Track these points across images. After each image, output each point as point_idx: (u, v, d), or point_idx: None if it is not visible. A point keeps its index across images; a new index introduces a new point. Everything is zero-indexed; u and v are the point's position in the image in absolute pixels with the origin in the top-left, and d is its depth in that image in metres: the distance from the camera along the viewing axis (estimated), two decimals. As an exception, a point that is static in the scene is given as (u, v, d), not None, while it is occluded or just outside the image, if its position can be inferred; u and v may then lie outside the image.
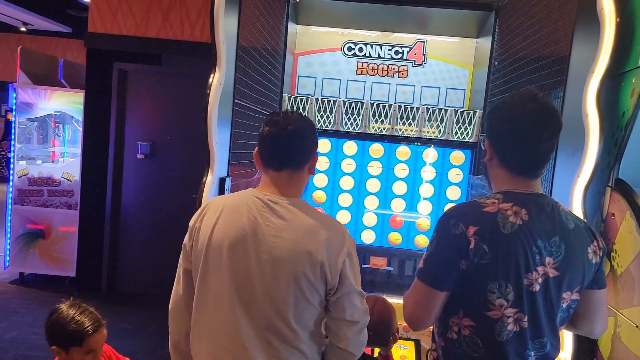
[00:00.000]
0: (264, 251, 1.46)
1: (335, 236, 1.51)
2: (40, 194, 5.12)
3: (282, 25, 3.36)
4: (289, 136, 1.53)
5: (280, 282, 1.45)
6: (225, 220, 1.51)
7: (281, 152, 1.55)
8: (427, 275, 1.44)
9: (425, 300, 1.44)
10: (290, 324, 1.46)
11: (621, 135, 1.71)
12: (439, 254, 1.44)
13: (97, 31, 4.74)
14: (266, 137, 1.55)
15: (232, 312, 1.47)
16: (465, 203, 1.52)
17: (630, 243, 1.62)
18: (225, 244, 1.48)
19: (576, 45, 2.00)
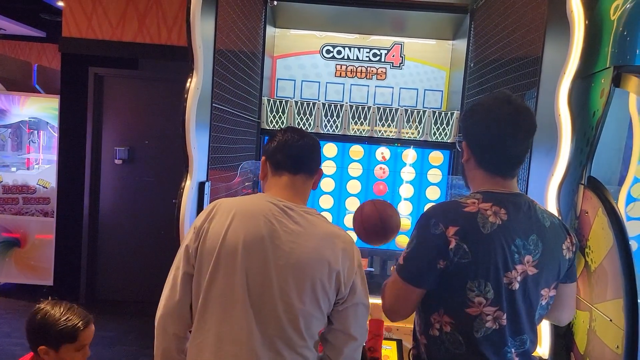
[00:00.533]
0: (281, 257, 1.47)
1: (350, 246, 1.55)
2: (15, 201, 5.03)
3: (260, 29, 3.36)
4: (308, 144, 1.66)
5: (296, 288, 1.46)
6: (241, 223, 1.50)
7: (300, 156, 1.64)
8: (405, 272, 1.48)
9: (403, 295, 1.50)
10: (301, 330, 1.47)
11: (592, 134, 1.75)
12: (418, 253, 1.47)
13: (71, 36, 4.68)
14: (286, 143, 1.64)
15: (243, 318, 1.45)
16: (446, 203, 1.56)
17: (603, 239, 1.66)
18: (240, 247, 1.47)
19: (548, 47, 2.05)
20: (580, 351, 1.79)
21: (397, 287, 1.50)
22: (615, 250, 1.57)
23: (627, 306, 1.52)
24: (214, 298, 1.48)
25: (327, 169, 3.37)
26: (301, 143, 1.64)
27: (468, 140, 1.56)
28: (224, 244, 1.48)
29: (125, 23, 4.66)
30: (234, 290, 1.46)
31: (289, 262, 1.46)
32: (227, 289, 1.47)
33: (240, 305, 1.45)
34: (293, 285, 1.46)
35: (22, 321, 2.03)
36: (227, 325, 1.46)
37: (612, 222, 1.60)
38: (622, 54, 1.64)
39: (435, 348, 1.49)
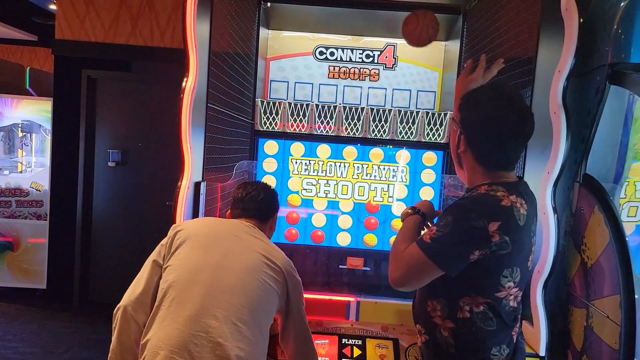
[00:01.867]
0: (236, 258, 1.77)
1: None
2: (7, 204, 4.99)
3: (254, 30, 3.35)
4: (259, 198, 2.04)
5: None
6: (213, 224, 1.92)
7: (252, 207, 2.02)
8: (433, 252, 1.47)
9: (422, 271, 1.50)
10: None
11: (588, 132, 1.77)
12: (453, 239, 1.46)
13: (64, 38, 4.65)
14: (241, 197, 2.05)
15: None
16: (481, 196, 1.51)
17: (599, 236, 1.67)
18: (206, 236, 1.82)
19: (542, 46, 2.06)
20: (577, 348, 1.80)
21: (415, 261, 1.50)
22: (611, 247, 1.58)
23: (624, 302, 1.53)
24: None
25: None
26: (253, 197, 2.04)
27: (467, 136, 1.58)
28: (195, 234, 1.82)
29: (118, 25, 4.64)
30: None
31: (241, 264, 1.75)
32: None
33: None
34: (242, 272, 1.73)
35: (15, 325, 2.02)
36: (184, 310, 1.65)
37: (608, 219, 1.61)
38: (617, 51, 1.65)
39: (466, 329, 1.52)
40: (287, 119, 3.35)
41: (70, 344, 4.16)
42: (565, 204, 1.90)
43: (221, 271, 1.70)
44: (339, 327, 2.48)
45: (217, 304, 1.63)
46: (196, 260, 1.74)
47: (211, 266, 1.71)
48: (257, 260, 1.77)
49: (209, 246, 1.77)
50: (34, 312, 4.79)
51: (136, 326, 1.73)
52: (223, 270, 1.71)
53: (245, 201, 2.04)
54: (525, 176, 2.07)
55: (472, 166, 1.60)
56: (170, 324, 1.60)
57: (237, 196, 2.06)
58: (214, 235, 1.83)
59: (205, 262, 1.72)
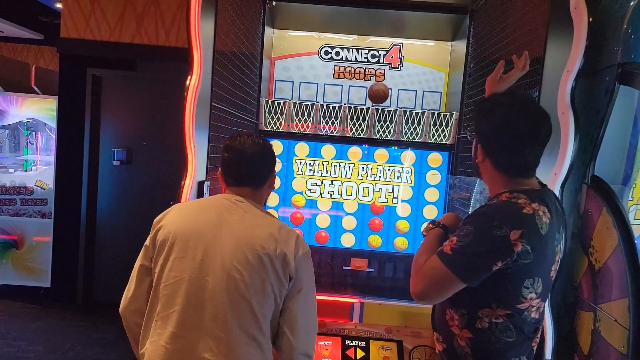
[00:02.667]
0: (230, 240, 1.61)
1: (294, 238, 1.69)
2: (12, 203, 4.99)
3: (259, 30, 3.34)
4: (248, 162, 1.74)
5: (246, 269, 1.58)
6: (192, 213, 1.70)
7: (241, 177, 1.76)
8: (455, 265, 1.45)
9: (444, 284, 1.47)
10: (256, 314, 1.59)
11: (596, 133, 1.74)
12: (475, 250, 1.43)
13: (69, 36, 4.66)
14: (227, 162, 1.77)
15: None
16: (502, 203, 1.49)
17: (607, 239, 1.64)
18: (191, 233, 1.63)
19: (550, 46, 2.03)
20: (584, 352, 1.77)
21: (438, 274, 1.47)
22: (620, 249, 1.56)
23: (632, 306, 1.50)
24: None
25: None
26: (241, 162, 1.75)
27: (483, 143, 1.58)
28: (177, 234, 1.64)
29: (123, 24, 4.64)
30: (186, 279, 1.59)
31: (239, 242, 1.60)
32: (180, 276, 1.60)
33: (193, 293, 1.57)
34: (240, 262, 1.57)
35: (19, 323, 2.02)
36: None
37: (617, 221, 1.58)
38: (627, 51, 1.63)
39: (485, 340, 1.50)
40: (291, 119, 3.34)
41: (74, 343, 4.16)
42: (573, 205, 1.88)
43: (199, 281, 1.56)
44: (343, 328, 2.46)
45: (199, 317, 1.55)
46: (176, 270, 1.60)
47: (189, 277, 1.57)
48: (242, 258, 1.58)
49: (189, 251, 1.60)
50: (38, 310, 4.80)
51: (139, 328, 1.71)
52: (200, 280, 1.56)
53: (231, 168, 1.77)
54: (532, 177, 2.05)
55: (492, 175, 1.58)
56: (157, 340, 1.57)
57: (223, 160, 1.79)
58: (196, 233, 1.62)
59: (182, 273, 1.58)
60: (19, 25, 7.80)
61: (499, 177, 1.56)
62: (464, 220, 1.54)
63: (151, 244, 1.71)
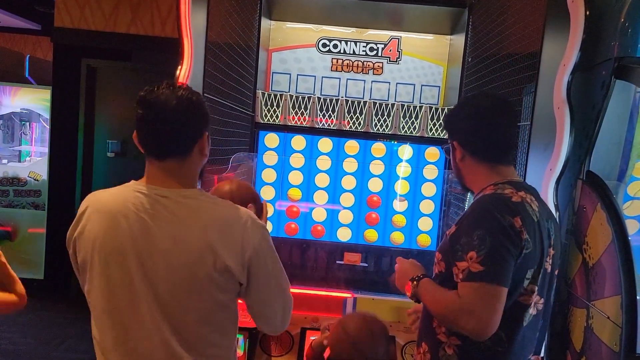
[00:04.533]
0: (160, 255, 1.28)
1: (243, 229, 1.32)
2: (5, 194, 4.97)
3: (255, 21, 3.31)
4: (169, 122, 1.30)
5: (180, 288, 1.28)
6: (106, 226, 1.31)
7: (160, 141, 1.33)
8: (495, 275, 1.34)
9: (500, 302, 1.34)
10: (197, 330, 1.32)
11: (592, 128, 1.72)
12: (500, 249, 1.36)
13: (64, 26, 4.63)
14: (142, 122, 1.33)
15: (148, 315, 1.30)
16: (490, 196, 1.48)
17: (601, 235, 1.63)
18: (109, 253, 1.29)
19: (547, 40, 2.01)
20: (577, 349, 1.76)
21: (488, 295, 1.33)
22: (614, 246, 1.54)
23: (625, 303, 1.49)
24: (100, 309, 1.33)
25: (322, 164, 3.33)
26: (157, 122, 1.31)
27: (458, 138, 1.61)
28: (94, 253, 1.31)
29: (118, 14, 4.61)
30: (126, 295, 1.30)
31: (170, 261, 1.27)
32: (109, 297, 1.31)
33: (142, 306, 1.29)
34: (178, 286, 1.28)
35: (11, 315, 2.00)
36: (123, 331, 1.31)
37: (611, 218, 1.56)
38: (624, 45, 1.61)
39: (474, 347, 1.43)
40: (288, 111, 3.31)
41: (66, 335, 4.14)
42: (567, 201, 1.86)
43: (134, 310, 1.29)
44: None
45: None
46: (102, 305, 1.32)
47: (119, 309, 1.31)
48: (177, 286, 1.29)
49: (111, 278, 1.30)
50: (31, 302, 4.70)
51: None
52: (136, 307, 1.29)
53: (148, 131, 1.34)
54: (527, 172, 2.03)
55: (473, 170, 1.59)
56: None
57: (137, 119, 1.35)
58: (116, 251, 1.30)
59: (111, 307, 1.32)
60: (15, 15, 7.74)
61: (481, 169, 1.57)
62: (461, 227, 1.46)
63: (73, 259, 1.39)
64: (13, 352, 3.74)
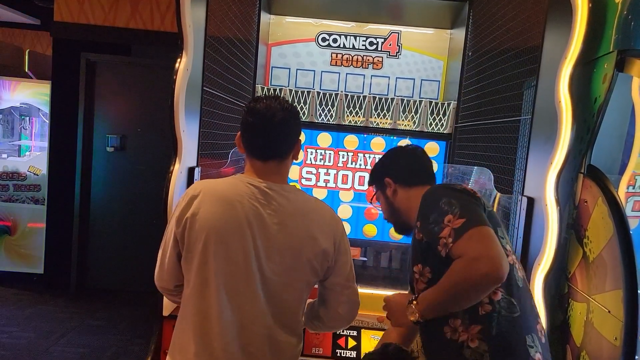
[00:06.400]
0: (269, 239, 1.49)
1: (333, 220, 1.61)
2: (5, 188, 4.96)
3: (255, 15, 3.29)
4: (275, 130, 1.54)
5: (286, 269, 1.50)
6: (224, 209, 1.48)
7: (267, 146, 1.55)
8: (475, 220, 1.38)
9: (492, 238, 1.35)
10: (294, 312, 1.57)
11: (593, 122, 1.71)
12: (467, 205, 1.44)
13: (63, 20, 4.61)
14: (250, 128, 1.56)
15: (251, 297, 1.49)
16: (431, 187, 1.65)
17: (602, 229, 1.62)
18: (224, 234, 1.46)
19: (549, 33, 2.00)
20: (577, 343, 1.75)
21: (481, 237, 1.35)
22: (615, 240, 1.53)
23: (626, 297, 1.48)
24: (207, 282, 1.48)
25: (321, 158, 3.31)
26: (266, 130, 1.54)
27: (391, 176, 1.82)
28: (211, 231, 1.47)
29: (117, 8, 4.59)
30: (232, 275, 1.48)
31: (276, 244, 1.49)
32: (216, 275, 1.47)
33: (245, 284, 1.48)
34: (282, 266, 1.50)
35: (11, 309, 1.99)
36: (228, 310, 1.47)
37: (612, 212, 1.55)
38: (626, 37, 1.59)
39: (494, 324, 1.39)
40: (287, 106, 3.29)
41: (66, 329, 4.14)
42: (568, 195, 1.85)
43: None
44: (335, 317, 2.44)
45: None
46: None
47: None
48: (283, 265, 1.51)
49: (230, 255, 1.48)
50: (31, 297, 4.78)
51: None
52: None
53: (255, 137, 1.55)
54: (528, 166, 2.02)
55: (408, 196, 1.78)
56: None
57: (246, 125, 1.57)
58: (234, 231, 1.47)
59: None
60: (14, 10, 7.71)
61: (412, 192, 1.75)
62: (421, 220, 1.52)
63: (180, 233, 1.51)
64: (13, 346, 3.74)
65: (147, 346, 2.18)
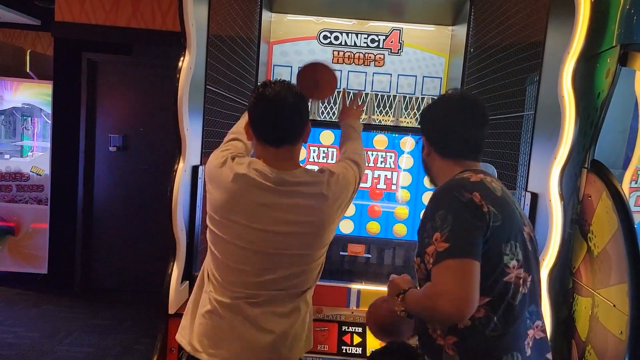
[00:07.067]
0: (280, 224, 1.54)
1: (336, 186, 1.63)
2: (8, 189, 4.96)
3: (257, 13, 3.29)
4: (285, 115, 1.56)
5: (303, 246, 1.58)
6: (241, 189, 1.55)
7: (278, 132, 1.57)
8: (461, 249, 1.32)
9: (471, 275, 1.29)
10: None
11: (597, 117, 1.71)
12: (461, 225, 1.35)
13: (64, 20, 4.61)
14: (260, 115, 1.57)
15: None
16: (448, 182, 1.49)
17: (606, 224, 1.62)
18: (239, 218, 1.54)
19: (551, 29, 2.00)
20: (582, 338, 1.76)
21: (458, 271, 1.30)
22: (619, 234, 1.53)
23: (631, 291, 1.48)
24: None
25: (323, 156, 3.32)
26: (277, 116, 1.55)
27: (427, 134, 1.63)
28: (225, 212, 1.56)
29: (119, 7, 4.58)
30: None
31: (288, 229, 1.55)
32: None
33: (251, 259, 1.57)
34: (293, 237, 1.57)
35: (15, 310, 2.00)
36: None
37: (616, 206, 1.56)
38: (629, 32, 1.59)
39: (470, 340, 1.37)
40: (290, 104, 3.29)
41: (71, 329, 4.15)
42: (572, 190, 1.85)
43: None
44: (339, 314, 2.45)
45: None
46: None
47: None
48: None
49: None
50: (35, 297, 4.79)
51: None
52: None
53: (266, 124, 1.57)
54: (531, 162, 2.03)
55: (439, 166, 1.60)
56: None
57: (255, 113, 1.59)
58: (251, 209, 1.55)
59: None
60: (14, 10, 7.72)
61: (446, 164, 1.57)
62: (425, 216, 1.46)
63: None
64: (19, 346, 3.75)
65: (152, 345, 2.18)
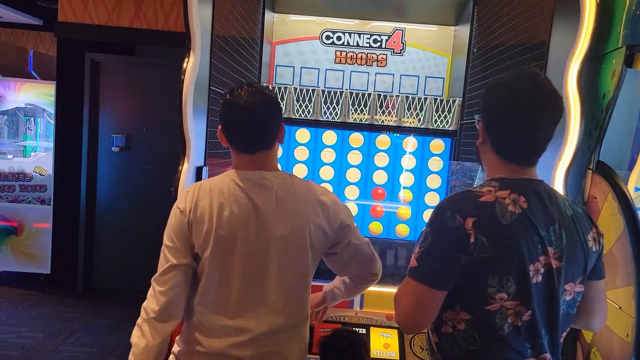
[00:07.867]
0: (269, 230, 1.49)
1: (333, 204, 1.62)
2: (11, 189, 4.97)
3: (259, 13, 3.29)
4: (259, 123, 1.50)
5: (291, 257, 1.53)
6: (225, 207, 1.49)
7: (253, 140, 1.52)
8: (423, 274, 1.31)
9: (423, 302, 1.31)
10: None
11: (602, 118, 1.71)
12: (436, 249, 1.31)
13: (67, 20, 4.61)
14: (232, 124, 1.52)
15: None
16: (460, 193, 1.40)
17: (612, 225, 1.62)
18: (233, 232, 1.49)
19: (556, 29, 1.99)
20: (587, 340, 1.75)
21: (412, 293, 1.32)
22: (625, 236, 1.53)
23: (637, 293, 1.48)
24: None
25: (326, 157, 3.32)
26: (249, 124, 1.49)
27: (485, 121, 1.41)
28: (218, 232, 1.49)
29: (121, 8, 4.59)
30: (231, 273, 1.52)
31: (277, 234, 1.50)
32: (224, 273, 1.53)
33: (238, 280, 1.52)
34: (287, 255, 1.52)
35: (19, 310, 2.00)
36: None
37: (622, 207, 1.55)
38: (635, 33, 1.59)
39: (448, 346, 1.38)
40: (292, 104, 3.29)
41: (74, 329, 4.16)
42: (577, 192, 1.85)
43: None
44: (343, 315, 2.45)
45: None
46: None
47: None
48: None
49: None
50: (38, 297, 4.80)
51: None
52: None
53: (238, 131, 1.51)
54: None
55: (489, 158, 1.43)
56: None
57: (226, 120, 1.53)
58: (240, 227, 1.50)
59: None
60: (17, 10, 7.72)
61: (495, 161, 1.40)
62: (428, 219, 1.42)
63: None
64: (22, 345, 3.76)
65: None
